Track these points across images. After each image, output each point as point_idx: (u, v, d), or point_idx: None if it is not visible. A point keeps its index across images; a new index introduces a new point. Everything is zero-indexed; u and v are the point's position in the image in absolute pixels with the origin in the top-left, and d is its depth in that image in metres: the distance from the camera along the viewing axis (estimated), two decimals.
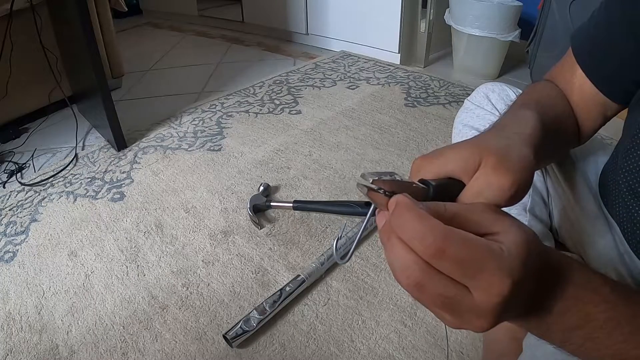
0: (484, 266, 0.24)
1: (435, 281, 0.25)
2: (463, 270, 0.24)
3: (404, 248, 0.25)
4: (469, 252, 0.24)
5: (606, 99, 0.52)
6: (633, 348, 0.28)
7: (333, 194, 1.16)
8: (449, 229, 0.25)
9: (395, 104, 1.66)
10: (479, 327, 0.26)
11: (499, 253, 0.25)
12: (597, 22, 0.52)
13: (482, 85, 0.73)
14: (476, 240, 0.25)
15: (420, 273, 0.25)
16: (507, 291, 0.24)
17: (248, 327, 0.77)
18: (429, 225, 0.25)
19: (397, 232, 0.26)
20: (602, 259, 0.55)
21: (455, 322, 0.26)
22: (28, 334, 0.82)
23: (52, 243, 1.04)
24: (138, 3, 3.45)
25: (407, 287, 0.26)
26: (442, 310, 0.26)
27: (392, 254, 0.26)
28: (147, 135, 1.51)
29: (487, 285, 0.24)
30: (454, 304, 0.25)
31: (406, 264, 0.25)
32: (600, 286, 0.29)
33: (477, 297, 0.25)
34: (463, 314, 0.26)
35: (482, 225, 0.27)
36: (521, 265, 0.25)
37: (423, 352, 0.75)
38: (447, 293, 0.25)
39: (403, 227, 0.25)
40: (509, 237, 0.26)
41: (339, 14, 2.23)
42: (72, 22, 1.30)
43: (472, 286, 0.25)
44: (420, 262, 0.25)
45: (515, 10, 1.75)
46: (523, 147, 0.33)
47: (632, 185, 0.48)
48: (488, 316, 0.25)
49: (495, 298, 0.24)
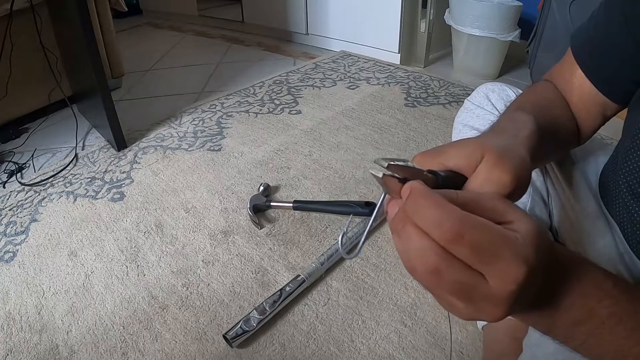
0: (500, 253, 0.24)
1: (453, 267, 0.25)
2: (480, 256, 0.24)
3: (420, 234, 0.25)
4: (486, 238, 0.24)
5: (606, 99, 0.52)
6: (635, 344, 0.28)
7: (333, 194, 1.16)
8: (465, 214, 0.25)
9: (395, 104, 1.66)
10: (493, 315, 0.26)
11: (514, 240, 0.25)
12: (596, 23, 0.52)
13: (482, 85, 0.73)
14: (493, 227, 0.25)
15: (438, 258, 0.25)
16: (522, 278, 0.24)
17: (248, 327, 0.77)
18: (446, 211, 0.25)
19: (413, 218, 0.26)
20: (602, 258, 0.55)
21: (469, 310, 0.26)
22: (28, 334, 0.82)
23: (52, 243, 1.04)
24: (138, 3, 3.45)
25: (423, 274, 0.25)
26: (457, 297, 0.26)
27: (407, 241, 0.26)
28: (147, 135, 1.51)
29: (503, 271, 0.24)
30: (470, 291, 0.25)
31: (422, 249, 0.25)
32: (603, 281, 0.29)
33: (492, 284, 0.25)
34: (478, 302, 0.25)
35: (497, 213, 0.27)
36: (535, 254, 0.25)
37: (423, 352, 0.75)
38: (464, 279, 0.25)
39: (419, 213, 0.25)
40: (523, 226, 0.26)
41: (339, 14, 2.23)
42: (72, 22, 1.30)
43: (487, 272, 0.25)
44: (437, 248, 0.25)
45: (515, 10, 1.75)
46: (521, 149, 0.34)
47: (632, 186, 0.48)
48: (503, 304, 0.25)
49: (511, 285, 0.24)
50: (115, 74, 1.86)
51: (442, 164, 0.32)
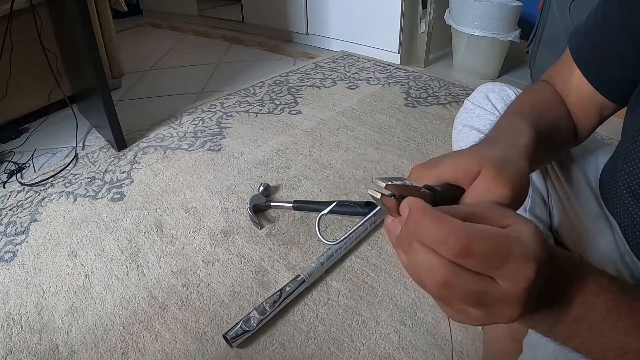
0: (508, 255, 0.25)
1: (463, 278, 0.25)
2: (489, 263, 0.25)
3: (426, 250, 0.25)
4: (493, 244, 0.25)
5: (604, 98, 0.52)
6: (635, 341, 0.28)
7: (333, 194, 1.16)
8: (468, 225, 0.25)
9: (395, 104, 1.66)
10: (508, 316, 0.26)
11: (519, 239, 0.25)
12: (594, 22, 0.52)
13: (482, 85, 0.73)
14: (497, 231, 0.25)
15: (447, 271, 0.25)
16: (533, 274, 0.25)
17: (248, 327, 0.77)
18: (448, 227, 0.25)
19: (417, 237, 0.26)
20: (603, 258, 0.55)
21: (483, 315, 0.26)
22: (28, 334, 0.82)
23: (52, 243, 1.04)
24: (138, 3, 3.45)
25: (434, 287, 0.26)
26: (470, 305, 0.26)
27: (414, 257, 0.26)
28: (147, 135, 1.51)
29: (514, 272, 0.25)
30: (483, 297, 0.25)
31: (430, 264, 0.25)
32: (600, 278, 0.29)
33: (505, 286, 0.25)
34: (492, 306, 0.26)
35: (495, 220, 0.27)
36: (540, 251, 0.25)
37: (423, 352, 0.75)
38: (475, 287, 0.25)
39: (422, 232, 0.25)
40: (523, 227, 0.26)
41: (339, 14, 2.23)
42: (72, 22, 1.30)
43: (498, 276, 0.25)
44: (445, 262, 0.25)
45: (515, 10, 1.75)
46: (519, 160, 0.34)
47: (632, 187, 0.48)
48: (517, 303, 0.25)
49: (523, 283, 0.25)
50: (115, 74, 1.86)
51: (438, 177, 0.32)
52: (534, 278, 0.25)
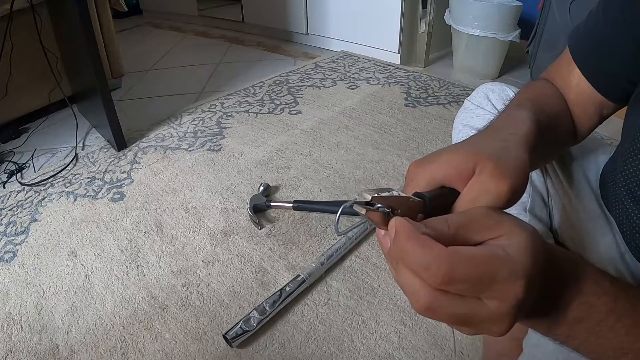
0: (495, 277, 0.24)
1: (447, 303, 0.25)
2: (474, 287, 0.24)
3: (410, 273, 0.25)
4: (477, 270, 0.24)
5: (603, 98, 0.52)
6: (635, 341, 0.28)
7: (333, 194, 1.16)
8: (452, 252, 0.25)
9: (395, 104, 1.66)
10: (497, 332, 0.26)
11: (506, 258, 0.25)
12: (594, 22, 0.52)
13: (482, 85, 0.73)
14: (481, 255, 0.25)
15: (430, 298, 0.25)
16: (521, 293, 0.24)
17: (248, 327, 0.77)
18: (431, 254, 0.24)
19: (402, 262, 0.26)
20: (603, 258, 0.55)
21: (472, 331, 0.26)
22: (28, 334, 0.82)
23: (52, 243, 1.04)
24: (138, 3, 3.45)
25: (419, 310, 0.26)
26: (457, 325, 0.26)
27: (400, 278, 0.26)
28: (147, 135, 1.51)
29: (501, 293, 0.24)
30: (470, 318, 0.25)
31: (415, 288, 0.25)
32: (600, 279, 0.29)
33: (492, 306, 0.25)
34: (480, 324, 0.26)
35: (487, 232, 0.27)
36: (530, 264, 0.25)
37: (423, 352, 0.75)
38: (459, 311, 0.25)
39: (406, 258, 0.25)
40: (514, 238, 0.26)
41: (339, 14, 2.23)
42: (72, 22, 1.30)
43: (485, 297, 0.25)
44: (428, 288, 0.25)
45: (515, 10, 1.75)
46: (519, 149, 0.33)
47: (631, 189, 0.48)
48: (505, 321, 0.25)
49: (511, 302, 0.24)
50: (115, 74, 1.86)
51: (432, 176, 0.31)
52: (522, 296, 0.24)
